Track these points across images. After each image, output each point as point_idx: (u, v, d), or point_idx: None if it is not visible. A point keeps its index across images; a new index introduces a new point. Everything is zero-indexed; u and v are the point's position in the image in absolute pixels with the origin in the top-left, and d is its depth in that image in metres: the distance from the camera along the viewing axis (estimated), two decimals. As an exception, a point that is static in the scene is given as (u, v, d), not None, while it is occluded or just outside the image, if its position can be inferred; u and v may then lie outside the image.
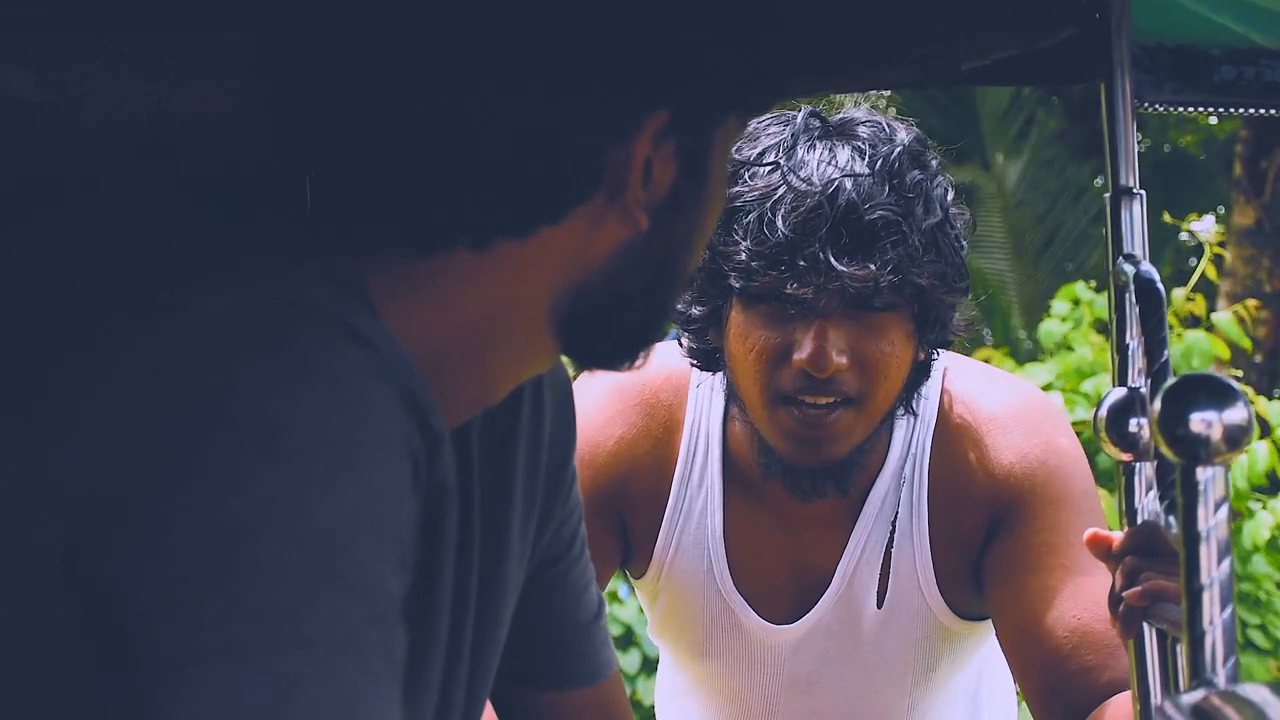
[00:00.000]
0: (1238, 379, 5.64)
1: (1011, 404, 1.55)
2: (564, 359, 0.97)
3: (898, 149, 1.42)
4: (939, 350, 1.52)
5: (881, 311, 1.42)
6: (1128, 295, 1.22)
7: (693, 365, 1.55)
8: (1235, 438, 1.01)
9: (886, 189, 1.40)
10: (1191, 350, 4.59)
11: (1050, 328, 4.69)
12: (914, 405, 1.52)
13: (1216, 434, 1.00)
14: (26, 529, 0.76)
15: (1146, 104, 1.28)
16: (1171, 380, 1.03)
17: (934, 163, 1.46)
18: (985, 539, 1.54)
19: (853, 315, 1.42)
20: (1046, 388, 4.39)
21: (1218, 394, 1.01)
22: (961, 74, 1.31)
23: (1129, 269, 1.22)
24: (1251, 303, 5.12)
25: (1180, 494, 1.02)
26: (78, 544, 0.74)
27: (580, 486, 1.53)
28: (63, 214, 0.89)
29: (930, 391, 1.55)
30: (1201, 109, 1.30)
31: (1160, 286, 1.19)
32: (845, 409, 1.44)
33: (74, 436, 0.76)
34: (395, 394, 0.77)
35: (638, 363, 0.96)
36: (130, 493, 0.73)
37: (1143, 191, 1.27)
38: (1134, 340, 1.24)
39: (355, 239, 0.85)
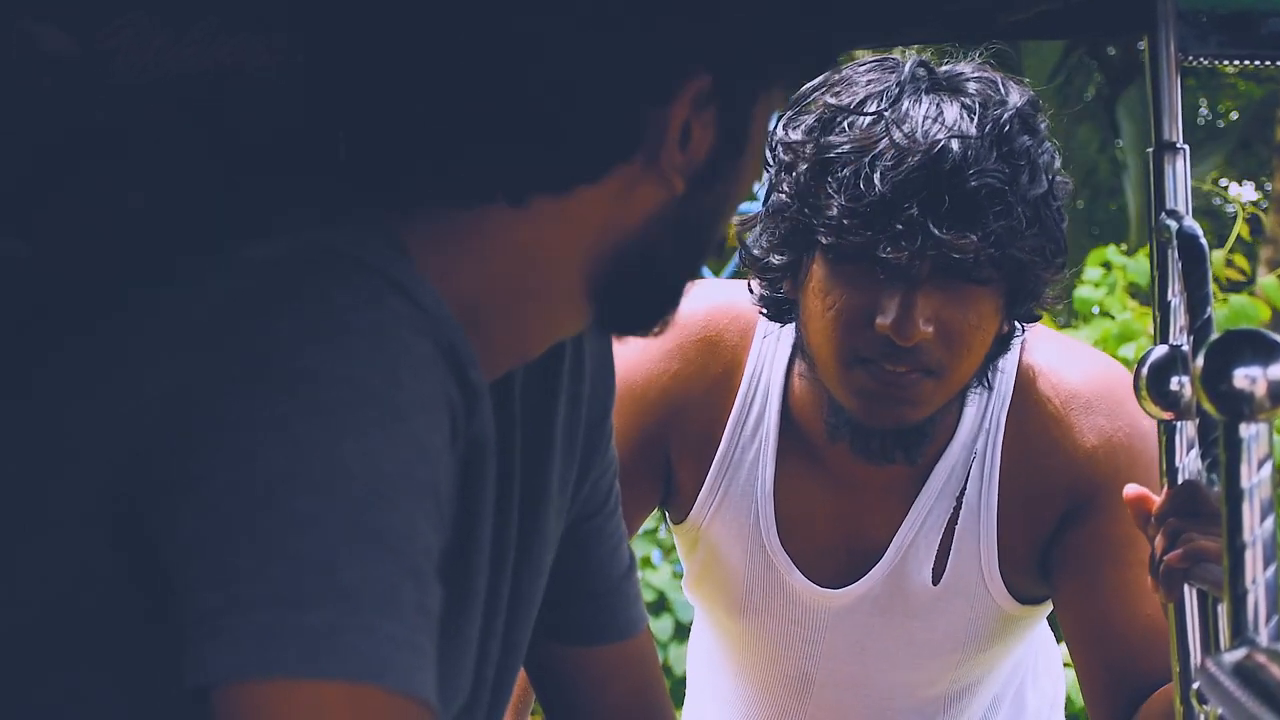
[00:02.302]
0: None
1: (1093, 380, 1.49)
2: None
3: (1009, 111, 1.35)
4: (1021, 323, 1.45)
5: (975, 284, 1.35)
6: (1170, 251, 1.21)
7: (761, 314, 1.48)
8: (1279, 393, 0.99)
9: (995, 154, 1.33)
10: (1238, 314, 4.55)
11: (1084, 294, 4.65)
12: (990, 378, 1.46)
13: (1261, 390, 0.99)
14: (78, 473, 0.77)
15: (1191, 57, 1.26)
16: (1215, 336, 1.02)
17: (1043, 127, 1.39)
18: (1059, 523, 1.48)
19: (944, 285, 1.35)
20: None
21: (1262, 350, 1.00)
22: (1004, 28, 1.29)
23: (1172, 225, 1.20)
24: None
25: (1223, 451, 1.01)
26: (127, 492, 0.75)
27: (628, 420, 1.50)
28: (112, 166, 0.90)
29: (1007, 364, 1.48)
30: (1248, 62, 1.28)
31: (1203, 242, 1.17)
32: (924, 377, 1.38)
33: (124, 383, 0.77)
34: (435, 348, 0.78)
35: (658, 330, 0.95)
36: (173, 443, 0.74)
37: (1186, 146, 1.25)
38: (1176, 297, 1.22)
39: (392, 192, 0.85)
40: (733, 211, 0.94)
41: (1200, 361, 1.00)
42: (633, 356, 1.52)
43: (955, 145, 1.32)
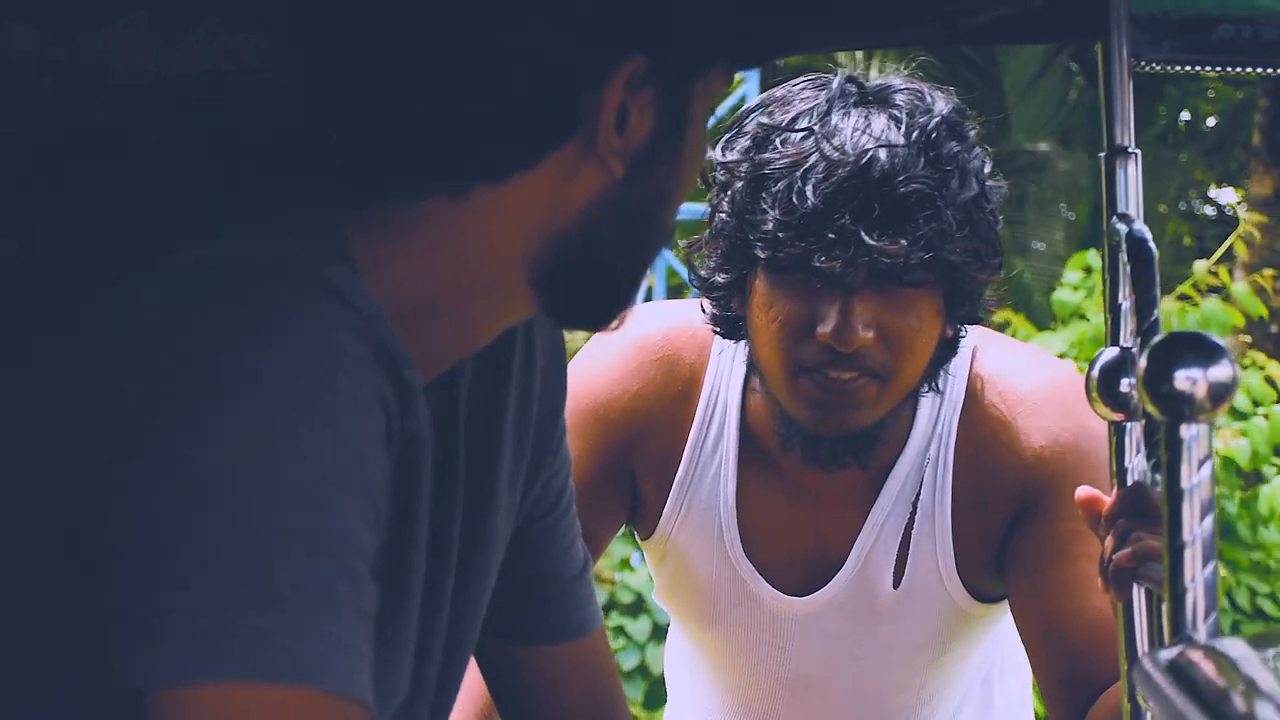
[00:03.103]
0: (1249, 345, 5.63)
1: (1042, 384, 1.52)
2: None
3: (935, 119, 1.38)
4: (967, 327, 1.48)
5: (910, 287, 1.38)
6: (1120, 255, 1.22)
7: (714, 332, 1.52)
8: (1219, 395, 1.00)
9: (922, 161, 1.36)
10: (1208, 320, 4.58)
11: (1063, 297, 4.68)
12: (940, 383, 1.48)
13: (1201, 391, 1.00)
14: (36, 478, 0.77)
15: (1144, 63, 1.27)
16: (1158, 338, 1.03)
17: (972, 134, 1.42)
18: (1011, 524, 1.51)
19: (880, 290, 1.38)
20: (1060, 356, 4.38)
21: (1203, 352, 1.01)
22: (963, 33, 1.31)
23: (1122, 228, 1.22)
24: (1269, 272, 5.10)
25: (1164, 451, 1.02)
26: (74, 499, 0.75)
27: (592, 440, 1.54)
28: (100, 167, 0.90)
29: (959, 370, 1.51)
30: (1200, 68, 1.29)
31: (1152, 246, 1.18)
32: (870, 381, 1.41)
33: (72, 389, 0.78)
34: (369, 349, 0.78)
35: (614, 324, 0.95)
36: (109, 448, 0.74)
37: (1138, 151, 1.26)
38: (1126, 300, 1.23)
39: (335, 191, 0.86)
40: (678, 197, 0.93)
41: (1143, 363, 1.02)
42: (595, 377, 1.57)
43: (883, 154, 1.36)
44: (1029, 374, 1.53)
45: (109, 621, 0.73)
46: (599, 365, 1.58)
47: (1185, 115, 10.72)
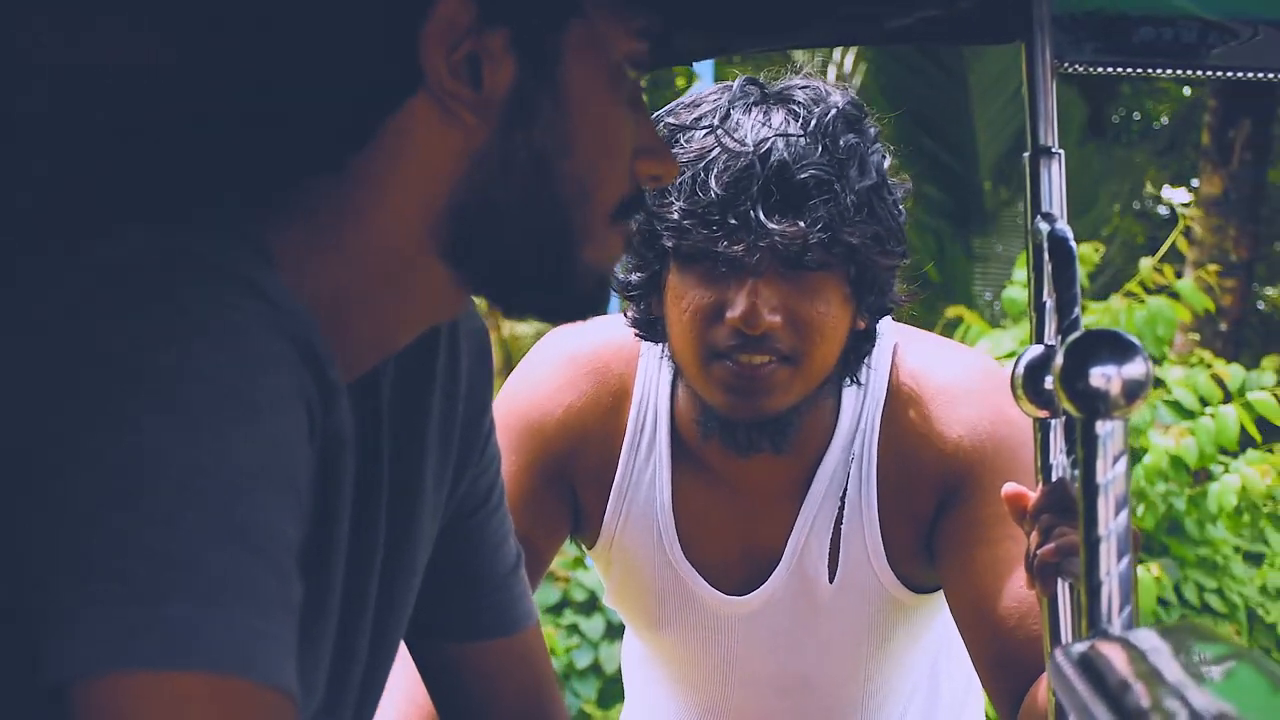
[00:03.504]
0: (1196, 344, 5.68)
1: (960, 375, 1.55)
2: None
3: (831, 111, 1.43)
4: (880, 318, 1.51)
5: (815, 271, 1.43)
6: (1044, 254, 1.24)
7: (636, 335, 1.55)
8: (1133, 392, 1.02)
9: (819, 149, 1.41)
10: (1156, 316, 4.62)
11: (1013, 294, 4.71)
12: (860, 376, 1.52)
13: (1115, 388, 1.02)
14: None
15: (1067, 64, 1.29)
16: (1074, 336, 1.05)
17: (872, 129, 1.47)
18: (936, 512, 1.54)
19: (786, 274, 1.42)
20: (1010, 354, 4.42)
21: (1118, 349, 1.03)
22: (887, 33, 1.32)
23: (1045, 227, 1.23)
24: (1213, 268, 5.15)
25: (1080, 447, 1.04)
26: None
27: (531, 456, 1.56)
28: (6, 156, 0.89)
29: (880, 365, 1.55)
30: (1121, 69, 1.31)
31: (1073, 245, 1.20)
32: (780, 365, 1.45)
33: None
34: (291, 345, 0.78)
35: (581, 314, 0.94)
36: (27, 444, 0.74)
37: (1061, 151, 1.28)
38: (1050, 299, 1.25)
39: (246, 185, 0.86)
40: (582, 153, 0.89)
41: (1059, 361, 1.03)
42: (529, 393, 1.61)
43: (780, 144, 1.41)
44: (947, 366, 1.57)
45: (30, 618, 0.72)
46: (532, 382, 1.62)
47: (1137, 115, 10.81)
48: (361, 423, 0.96)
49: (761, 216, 1.40)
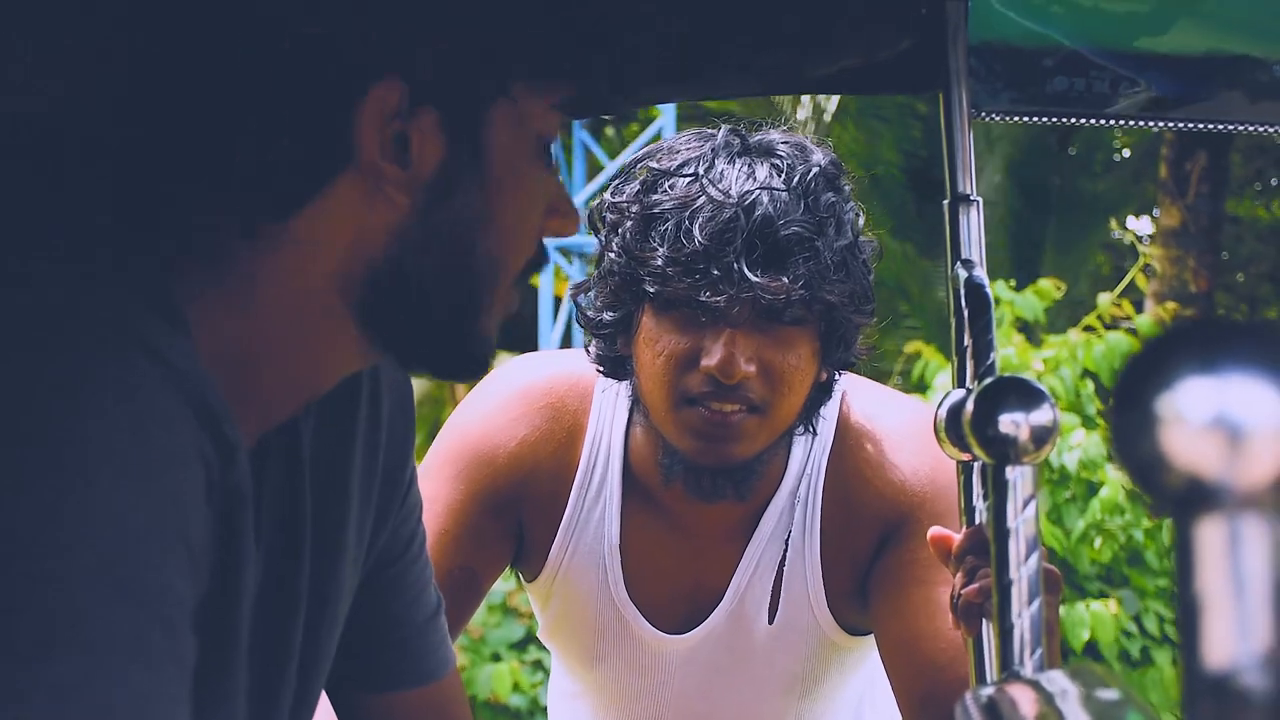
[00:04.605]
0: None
1: (904, 422, 1.58)
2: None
3: (814, 169, 1.45)
4: (843, 371, 1.54)
5: (790, 325, 1.44)
6: (960, 299, 1.26)
7: (599, 372, 1.56)
8: (1041, 438, 1.04)
9: (802, 206, 1.43)
10: (1113, 351, 4.66)
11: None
12: (814, 424, 1.54)
13: (1024, 434, 1.04)
14: None
15: (984, 113, 1.31)
16: (985, 382, 1.07)
17: (847, 188, 1.49)
18: (874, 554, 1.56)
19: (762, 327, 1.44)
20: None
21: (1026, 396, 1.05)
22: (809, 82, 1.35)
23: (963, 274, 1.26)
24: (1171, 305, 5.20)
25: (991, 492, 1.06)
26: None
27: (480, 485, 1.56)
28: None
29: (829, 413, 1.57)
30: (1035, 118, 1.34)
31: (988, 291, 1.22)
32: (749, 415, 1.46)
33: None
34: (185, 403, 0.78)
35: (473, 372, 0.95)
36: None
37: (979, 199, 1.30)
38: (969, 343, 1.27)
39: (165, 242, 0.87)
40: (503, 225, 0.92)
41: (969, 408, 1.05)
42: (481, 424, 1.62)
43: (765, 198, 1.42)
44: (891, 414, 1.60)
45: None
46: (485, 413, 1.62)
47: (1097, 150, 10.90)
48: (282, 473, 0.96)
49: (745, 269, 1.41)
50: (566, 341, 8.28)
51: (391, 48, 0.86)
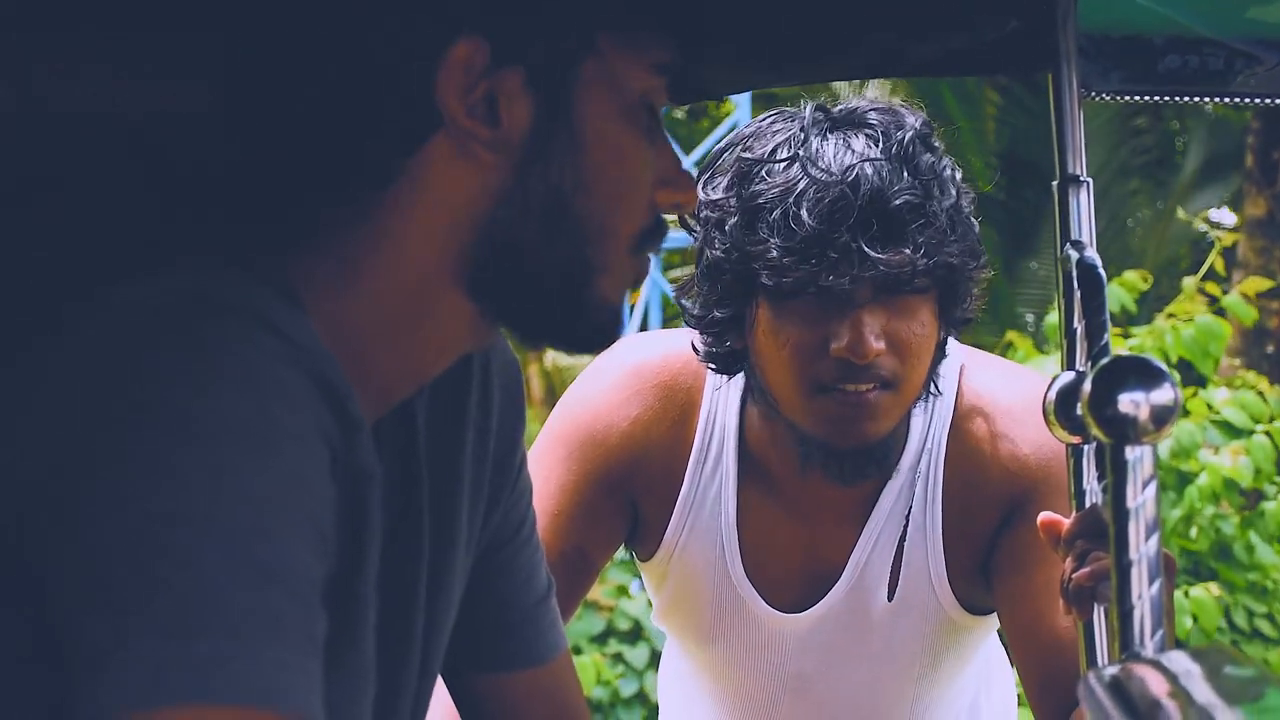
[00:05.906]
0: (1240, 367, 5.64)
1: (1026, 397, 1.54)
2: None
3: (909, 133, 1.42)
4: (960, 330, 1.52)
5: (912, 295, 1.43)
6: (1072, 281, 1.25)
7: (711, 369, 1.54)
8: (1162, 417, 1.03)
9: (905, 173, 1.40)
10: (1204, 334, 4.59)
11: (1054, 319, 4.70)
12: (935, 388, 1.52)
13: (1144, 414, 1.02)
14: None
15: (1093, 93, 1.30)
16: (1103, 362, 1.06)
17: (940, 145, 1.46)
18: (997, 531, 1.54)
19: (883, 301, 1.42)
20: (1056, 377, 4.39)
21: (1146, 375, 1.04)
22: (914, 65, 1.34)
23: (1074, 255, 1.24)
24: (1258, 280, 5.10)
25: (1110, 473, 1.05)
26: (11, 539, 0.77)
27: (594, 465, 1.56)
28: (28, 211, 0.92)
29: (947, 387, 1.55)
30: (1147, 97, 1.32)
31: (1101, 272, 1.21)
32: (883, 391, 1.45)
33: (15, 423, 0.80)
34: (310, 382, 0.80)
35: (597, 344, 0.95)
36: (54, 487, 0.76)
37: (1090, 179, 1.29)
38: (1080, 325, 1.26)
39: (271, 226, 0.88)
40: (604, 191, 0.91)
41: (1087, 388, 1.04)
42: (593, 404, 1.60)
43: (869, 170, 1.39)
44: (1012, 388, 1.57)
45: (59, 656, 0.74)
46: (597, 392, 1.61)
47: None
48: (399, 456, 0.97)
49: (864, 247, 1.38)
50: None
51: (468, 6, 0.86)
